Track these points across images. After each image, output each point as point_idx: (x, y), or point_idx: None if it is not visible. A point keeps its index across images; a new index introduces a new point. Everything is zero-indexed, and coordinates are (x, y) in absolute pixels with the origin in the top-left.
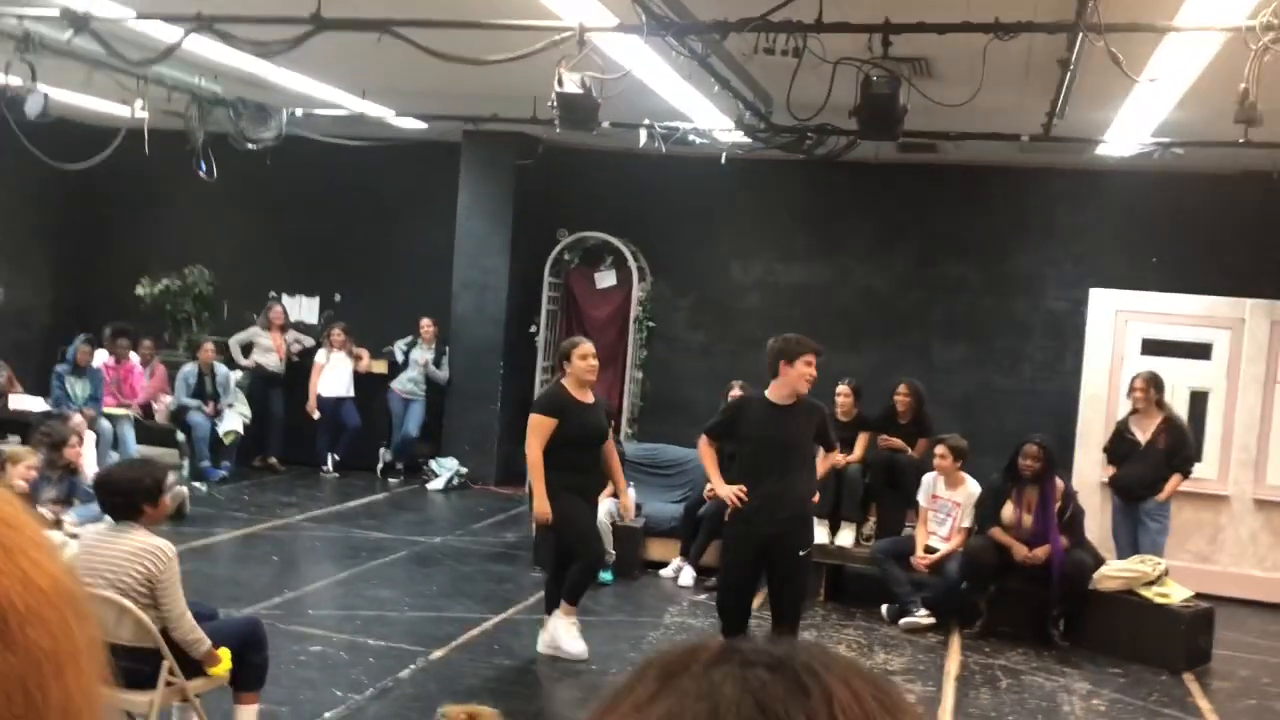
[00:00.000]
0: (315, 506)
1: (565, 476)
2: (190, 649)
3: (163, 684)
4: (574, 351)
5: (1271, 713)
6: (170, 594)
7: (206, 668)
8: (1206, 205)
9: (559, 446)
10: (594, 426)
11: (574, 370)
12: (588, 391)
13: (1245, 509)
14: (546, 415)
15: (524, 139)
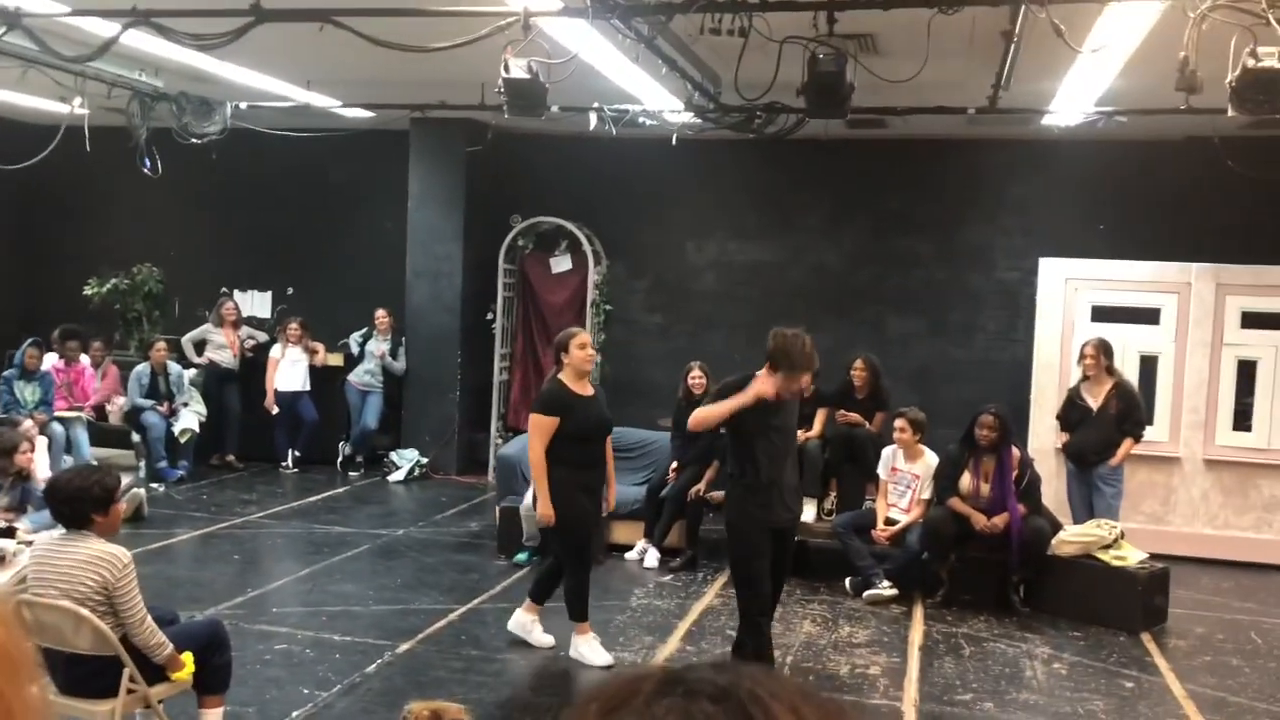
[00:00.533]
0: (275, 503)
1: (571, 473)
2: (152, 654)
3: (124, 692)
4: (571, 342)
5: (1227, 667)
6: (128, 600)
7: (169, 673)
8: (1151, 172)
9: (563, 443)
10: (597, 420)
11: (572, 361)
12: (587, 383)
13: (1196, 470)
14: (548, 414)
15: (473, 125)
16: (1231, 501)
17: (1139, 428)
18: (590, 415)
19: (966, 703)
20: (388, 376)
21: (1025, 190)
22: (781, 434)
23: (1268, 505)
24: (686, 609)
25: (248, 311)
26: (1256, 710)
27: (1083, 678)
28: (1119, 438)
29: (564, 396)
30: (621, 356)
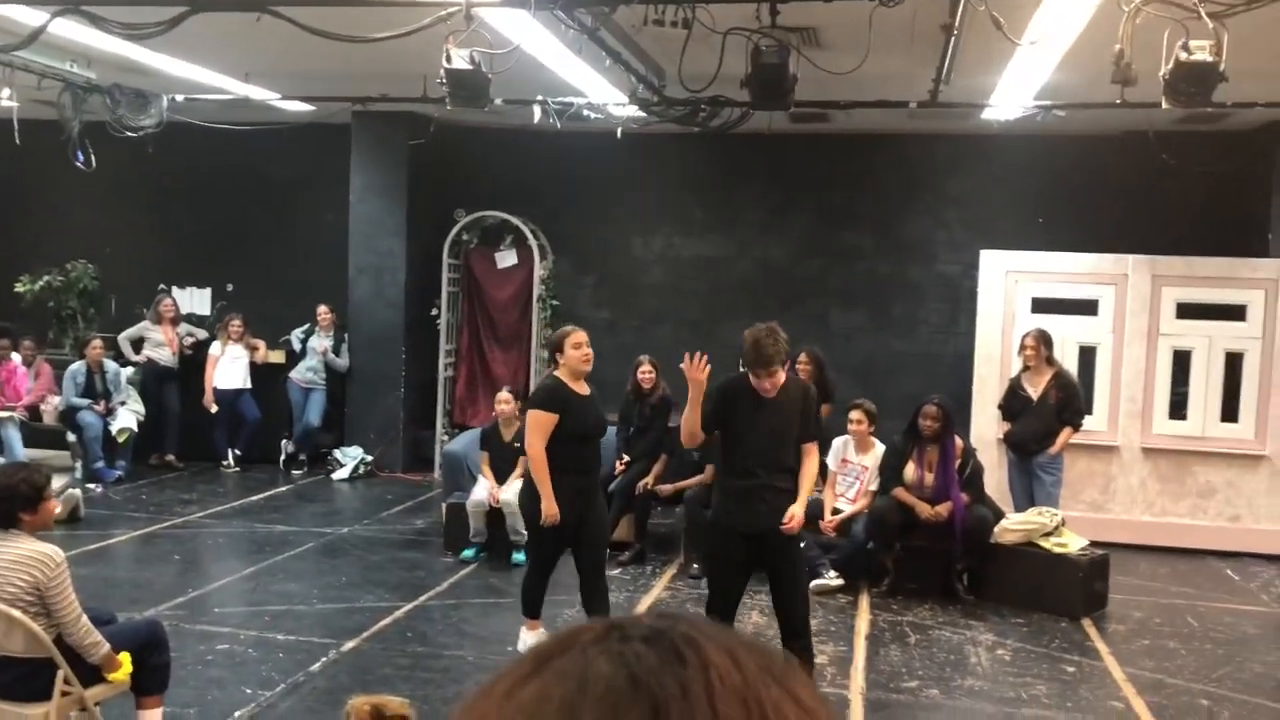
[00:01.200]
0: (217, 503)
1: (561, 477)
2: (87, 654)
3: (58, 694)
4: (566, 341)
5: (1165, 650)
6: (62, 600)
7: (106, 673)
8: (1088, 165)
9: (560, 443)
10: (595, 420)
11: (568, 361)
12: (584, 383)
13: (1134, 458)
14: (547, 411)
15: (415, 118)
16: (1168, 489)
17: (1078, 416)
18: (589, 415)
19: (912, 690)
20: (330, 373)
21: (966, 184)
22: (768, 435)
23: (1202, 492)
24: (635, 602)
25: (187, 309)
26: (1193, 691)
27: (1026, 663)
28: (1059, 427)
29: (564, 393)
30: None
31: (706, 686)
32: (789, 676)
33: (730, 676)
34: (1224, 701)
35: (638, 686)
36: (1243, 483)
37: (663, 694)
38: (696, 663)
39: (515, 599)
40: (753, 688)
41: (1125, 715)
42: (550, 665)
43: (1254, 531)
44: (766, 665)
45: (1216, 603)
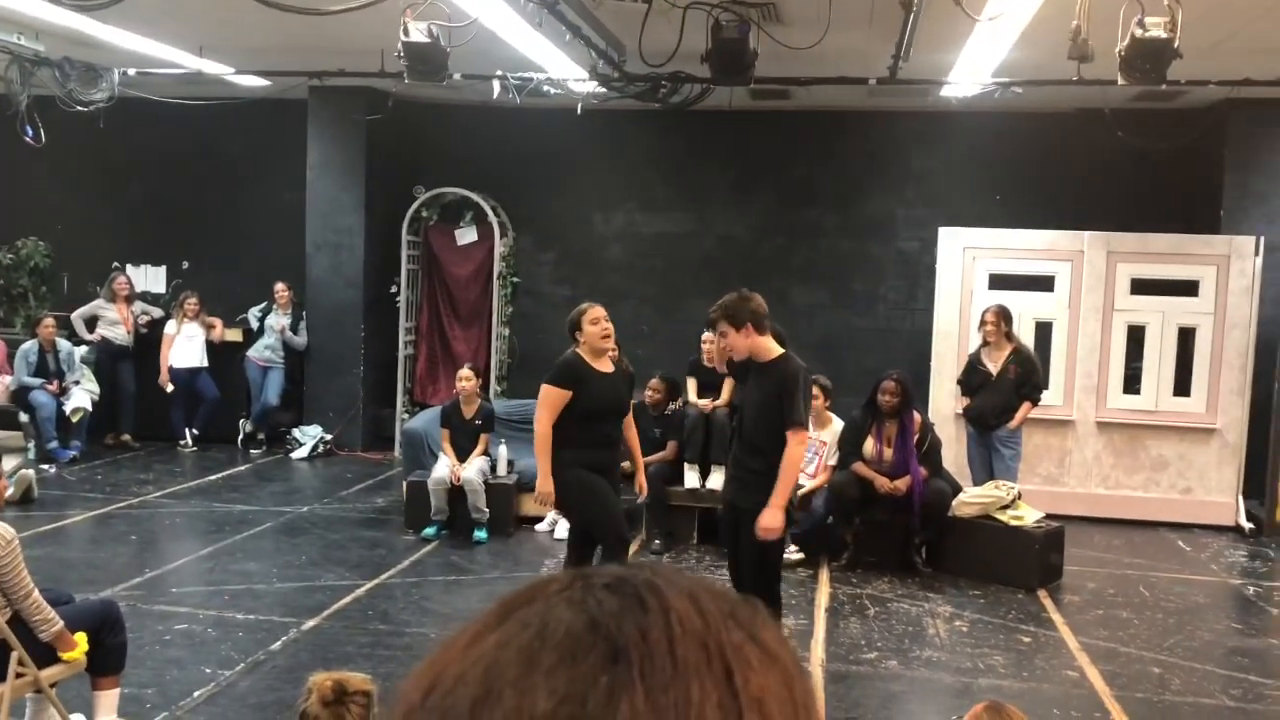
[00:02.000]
0: (174, 482)
1: (580, 454)
2: (39, 630)
3: (12, 675)
4: (583, 318)
5: (1118, 620)
6: (12, 578)
7: (60, 652)
8: (1045, 142)
9: (573, 420)
10: (613, 399)
11: (587, 338)
12: (605, 360)
13: (1089, 432)
14: (559, 386)
15: (373, 93)
16: (1122, 462)
17: (1037, 391)
18: (605, 394)
19: (871, 661)
20: (289, 352)
21: (925, 161)
22: (744, 411)
23: (1155, 465)
24: None
25: (141, 287)
26: (1145, 659)
27: (983, 634)
28: (1018, 401)
29: (580, 369)
30: (529, 329)
31: (666, 630)
32: (753, 622)
33: (691, 621)
34: (1174, 669)
35: (597, 631)
36: (1194, 456)
37: (622, 638)
38: (657, 608)
39: (477, 577)
40: (714, 631)
41: (1080, 684)
42: (514, 615)
43: (1204, 503)
44: (731, 610)
45: (1168, 573)
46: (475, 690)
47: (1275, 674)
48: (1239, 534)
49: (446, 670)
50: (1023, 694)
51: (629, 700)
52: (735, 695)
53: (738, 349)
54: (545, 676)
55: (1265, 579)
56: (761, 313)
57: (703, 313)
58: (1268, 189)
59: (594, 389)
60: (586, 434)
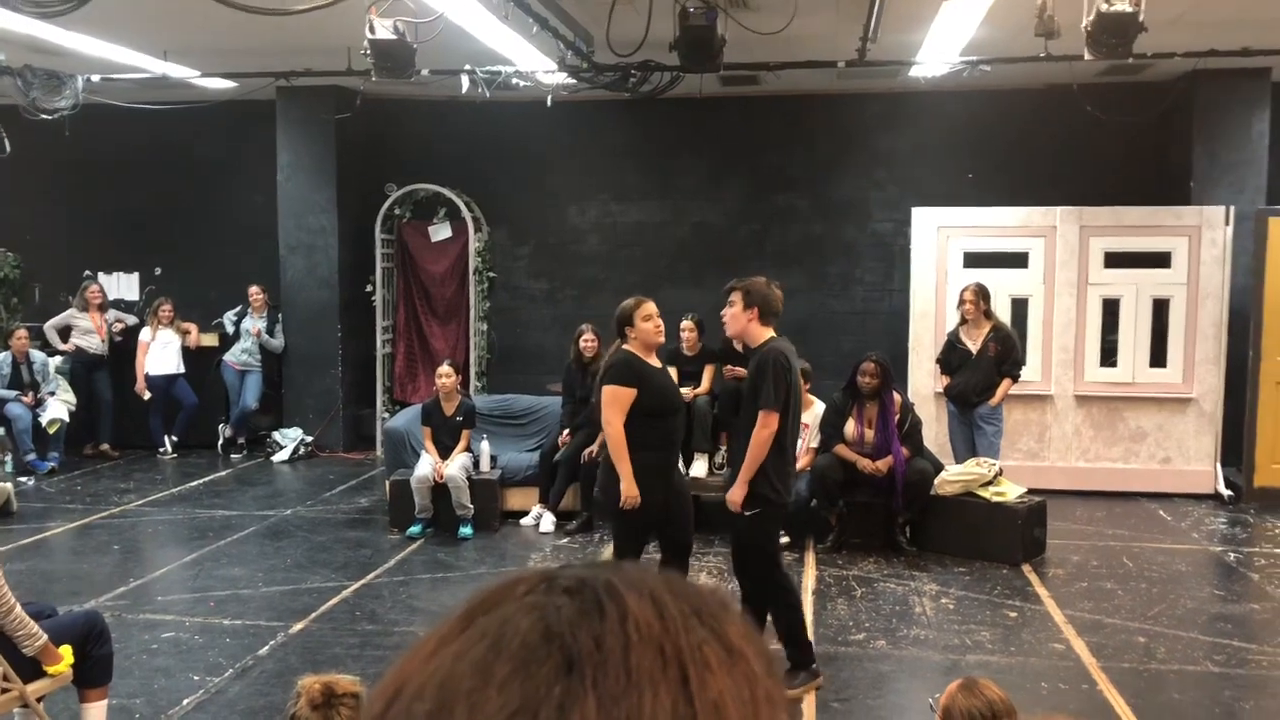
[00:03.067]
0: (155, 490)
1: (643, 455)
2: (23, 645)
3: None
4: (636, 314)
5: (1102, 592)
6: None
7: (45, 666)
8: (1015, 120)
9: (639, 420)
10: (673, 394)
11: (640, 334)
12: (655, 356)
13: (1068, 406)
14: (624, 385)
15: (341, 92)
16: (1101, 435)
17: (1016, 368)
18: (665, 389)
19: (860, 642)
20: (266, 355)
21: (896, 142)
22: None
23: (1134, 436)
24: None
25: (114, 294)
26: (1130, 629)
27: (969, 610)
28: (998, 378)
29: (637, 366)
30: (507, 324)
31: (622, 637)
32: (720, 618)
33: (648, 626)
34: (1159, 638)
35: (551, 641)
36: (1172, 425)
37: (576, 647)
38: (615, 614)
39: (464, 573)
40: (672, 635)
41: (1066, 656)
42: (476, 622)
43: (1184, 472)
44: (697, 608)
45: (1150, 543)
46: (430, 704)
47: (1258, 639)
48: (1218, 501)
49: (407, 681)
50: (1010, 669)
51: (580, 710)
52: (690, 700)
53: (734, 326)
54: (498, 689)
55: (1245, 545)
56: (774, 304)
57: (681, 301)
58: (1236, 159)
59: (654, 384)
60: (651, 433)
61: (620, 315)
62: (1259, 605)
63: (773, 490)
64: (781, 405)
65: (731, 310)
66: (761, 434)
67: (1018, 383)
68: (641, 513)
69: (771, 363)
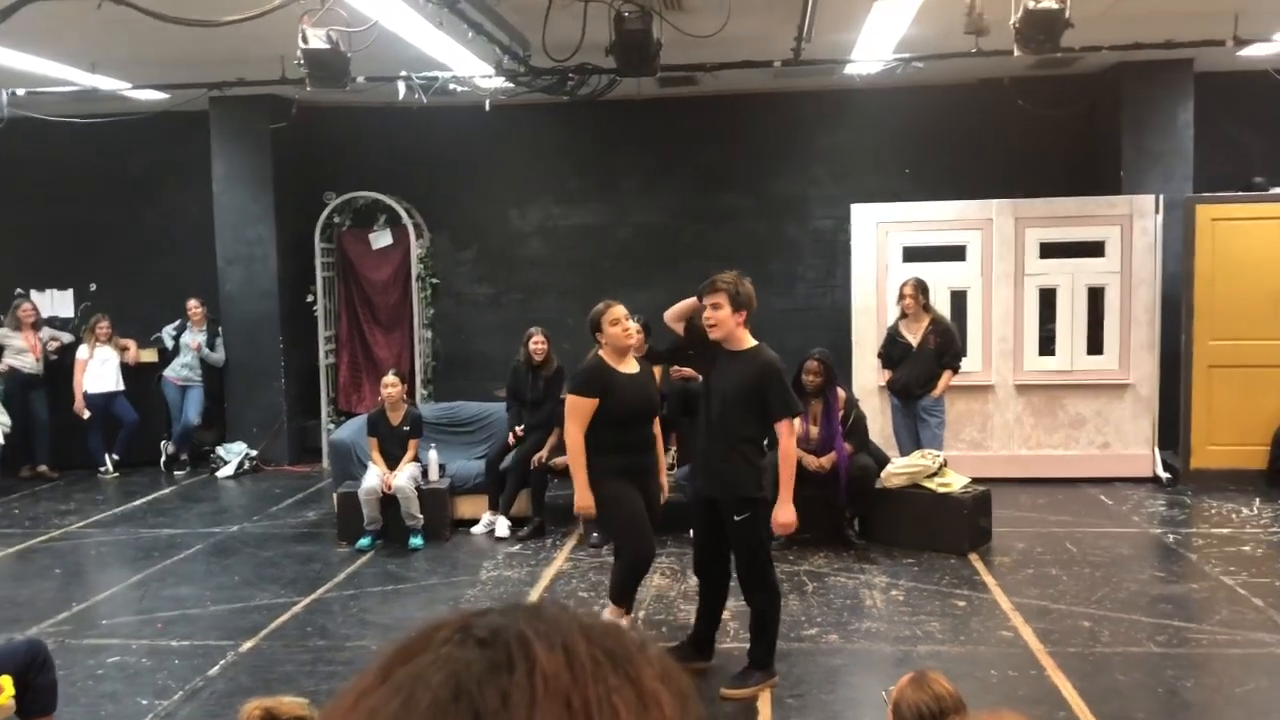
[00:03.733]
0: (96, 511)
1: (613, 460)
2: None
3: None
4: (604, 319)
5: (1048, 577)
6: None
7: None
8: (949, 115)
9: (603, 427)
10: (643, 401)
11: (609, 339)
12: (630, 360)
13: (1009, 395)
14: (585, 395)
15: (276, 101)
16: (1042, 422)
17: (957, 359)
18: (634, 397)
19: (813, 637)
20: (206, 369)
21: (834, 139)
22: (712, 401)
23: (1074, 423)
24: (538, 576)
25: (48, 312)
26: (1075, 614)
27: (919, 601)
28: (939, 370)
29: (604, 374)
30: (452, 330)
31: (529, 693)
32: (635, 662)
33: (556, 679)
34: (1104, 621)
35: (460, 699)
36: (1110, 411)
37: (483, 705)
38: (524, 667)
39: (416, 584)
40: (580, 686)
41: (1014, 643)
42: (393, 675)
43: (1123, 457)
44: (612, 653)
45: (1092, 527)
46: None
47: (1197, 618)
48: (1157, 484)
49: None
50: (960, 658)
51: None
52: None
53: (723, 328)
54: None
55: (1183, 526)
56: (754, 302)
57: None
58: (1163, 148)
59: (622, 393)
60: (619, 440)
61: (590, 321)
62: (1198, 585)
63: (759, 488)
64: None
65: (720, 313)
66: (790, 442)
67: (959, 374)
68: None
69: (779, 370)
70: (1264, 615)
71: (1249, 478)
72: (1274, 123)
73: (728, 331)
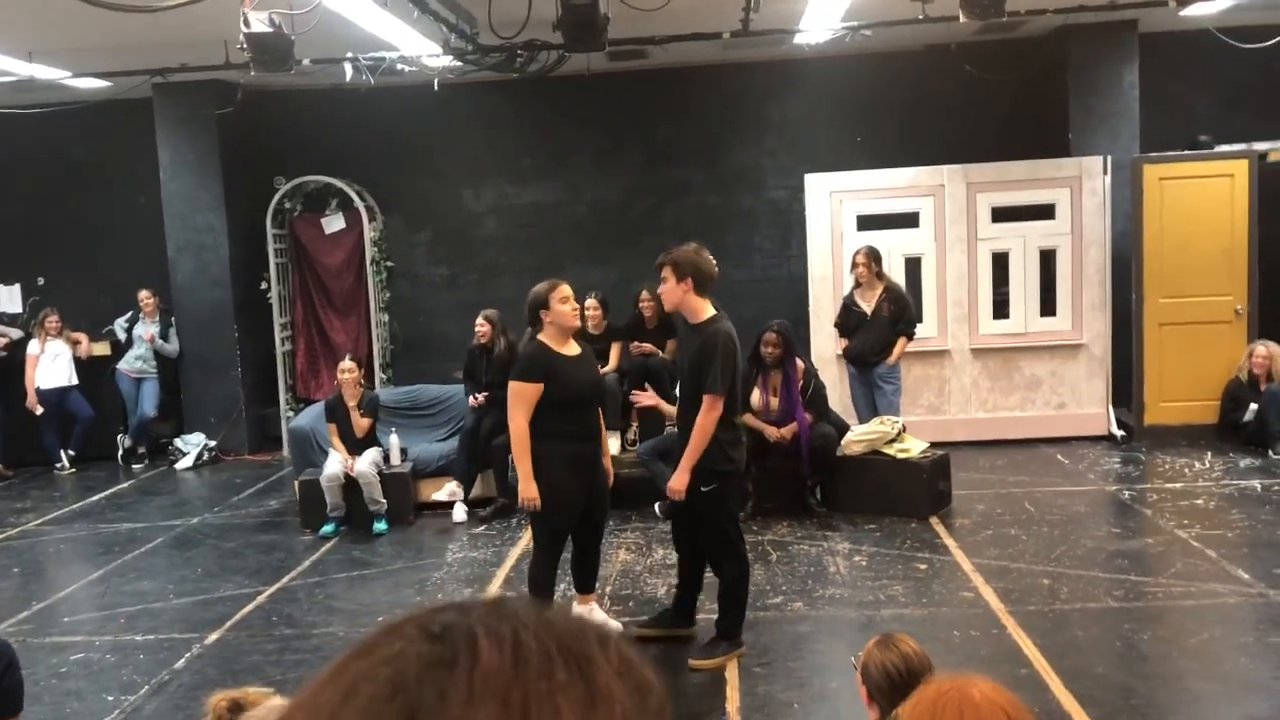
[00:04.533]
0: (54, 508)
1: (561, 446)
2: None
3: None
4: (553, 296)
5: (1007, 538)
6: None
7: None
8: (898, 82)
9: (549, 412)
10: (589, 383)
11: (556, 317)
12: (571, 341)
13: (964, 359)
14: (529, 381)
15: (221, 86)
16: (998, 385)
17: (911, 326)
18: (580, 379)
19: (778, 605)
20: (161, 360)
21: (785, 110)
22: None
23: (1029, 384)
24: (504, 556)
25: None
26: (1035, 572)
27: (881, 566)
28: (894, 338)
29: (547, 358)
30: (408, 313)
31: (467, 690)
32: (591, 658)
33: (496, 676)
34: (1062, 578)
35: (398, 695)
36: (1064, 372)
37: (420, 700)
38: (465, 664)
39: (381, 569)
40: (521, 683)
41: (976, 604)
42: (348, 669)
43: (1078, 416)
44: (566, 649)
45: (1049, 487)
46: None
47: (1152, 571)
48: (1112, 442)
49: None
50: (923, 620)
51: None
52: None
53: (670, 300)
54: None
55: (1138, 483)
56: (707, 272)
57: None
58: (1109, 110)
59: (567, 376)
60: (567, 425)
61: (534, 300)
62: (1153, 539)
63: (727, 461)
64: (727, 386)
65: (665, 286)
66: (708, 417)
67: (914, 340)
68: (564, 508)
69: (721, 344)
70: (1217, 566)
71: (1200, 433)
72: (1218, 81)
73: (676, 301)
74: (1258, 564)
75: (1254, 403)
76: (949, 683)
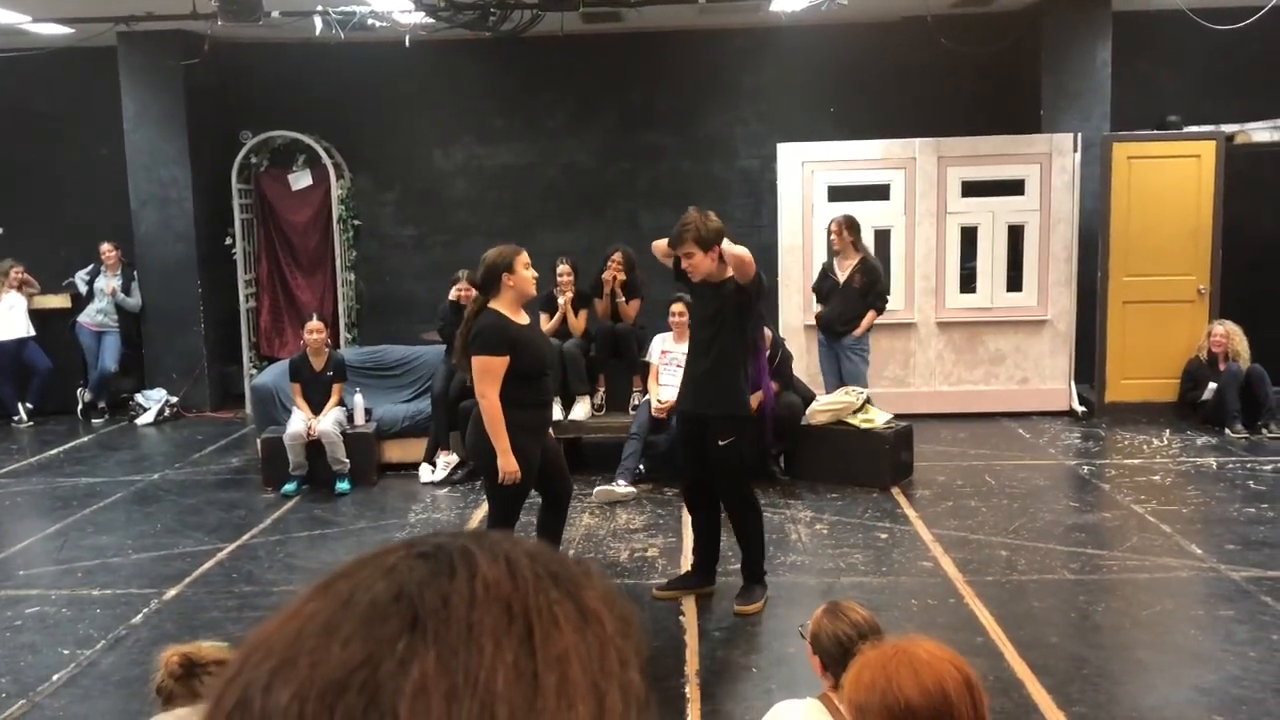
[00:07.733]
0: (11, 461)
1: (522, 414)
2: None
3: None
4: (517, 260)
5: (967, 509)
6: None
7: None
8: (873, 53)
9: (511, 383)
10: (546, 351)
11: (518, 284)
12: (522, 311)
13: (930, 333)
14: (496, 354)
15: (187, 36)
16: (963, 359)
17: (880, 300)
18: (540, 346)
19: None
20: (123, 314)
21: (759, 78)
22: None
23: (993, 359)
24: (467, 518)
25: None
26: (993, 544)
27: (842, 534)
28: (863, 309)
29: (508, 329)
30: (376, 273)
31: (469, 595)
32: (578, 583)
33: (498, 585)
34: (1020, 550)
35: (399, 600)
36: (1029, 347)
37: (423, 606)
38: (465, 575)
39: (343, 529)
40: (521, 594)
41: (935, 573)
42: (334, 585)
43: (1041, 391)
44: (554, 572)
45: (1010, 460)
46: (276, 660)
47: (1109, 545)
48: (1073, 417)
49: (262, 642)
50: (883, 588)
51: (420, 664)
52: (533, 654)
53: (701, 271)
54: (342, 645)
55: (1098, 458)
56: (723, 235)
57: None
58: (1081, 87)
59: (529, 345)
60: (526, 394)
61: (497, 265)
62: (1110, 514)
63: (745, 408)
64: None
65: (693, 261)
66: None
67: (883, 314)
68: (528, 474)
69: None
70: (1171, 541)
71: (1160, 410)
72: (1188, 61)
73: (707, 271)
74: (1210, 540)
75: (1213, 382)
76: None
